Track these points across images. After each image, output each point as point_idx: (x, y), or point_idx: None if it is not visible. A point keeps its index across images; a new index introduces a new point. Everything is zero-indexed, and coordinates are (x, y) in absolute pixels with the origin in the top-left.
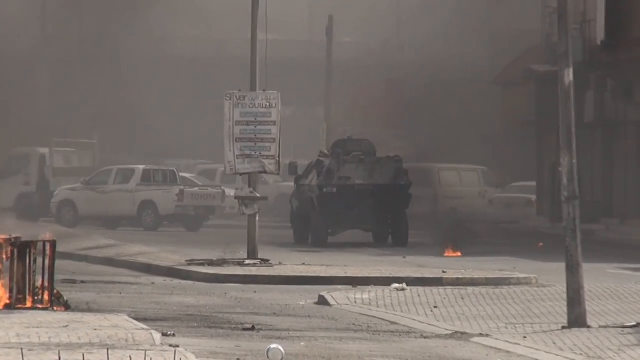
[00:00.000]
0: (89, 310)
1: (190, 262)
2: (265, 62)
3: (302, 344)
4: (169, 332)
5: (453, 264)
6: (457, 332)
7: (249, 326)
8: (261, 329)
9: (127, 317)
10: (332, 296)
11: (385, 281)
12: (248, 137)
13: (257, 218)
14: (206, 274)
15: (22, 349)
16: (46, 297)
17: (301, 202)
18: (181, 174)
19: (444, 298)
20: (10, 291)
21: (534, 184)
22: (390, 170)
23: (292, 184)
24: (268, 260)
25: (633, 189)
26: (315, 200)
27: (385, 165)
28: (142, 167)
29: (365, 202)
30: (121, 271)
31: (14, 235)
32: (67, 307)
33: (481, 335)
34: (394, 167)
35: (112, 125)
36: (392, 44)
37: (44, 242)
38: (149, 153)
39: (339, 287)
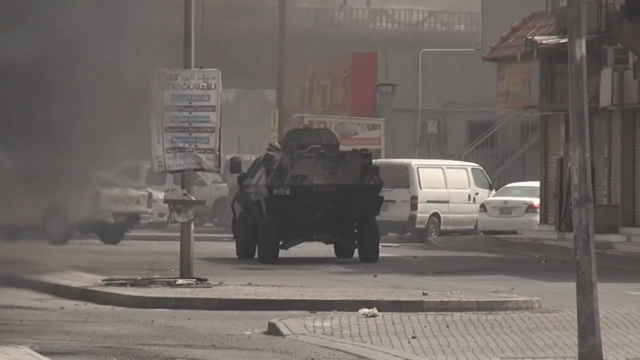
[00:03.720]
0: None
1: (109, 282)
2: (202, 32)
3: None
4: None
5: (436, 285)
6: None
7: None
8: None
9: (29, 351)
10: (285, 324)
11: (352, 305)
12: (181, 126)
13: (192, 227)
14: (128, 296)
15: None
16: None
17: (246, 207)
18: (96, 172)
19: (425, 326)
20: None
21: (536, 184)
22: (357, 167)
23: (234, 184)
24: (206, 280)
25: None
26: (263, 204)
27: (350, 161)
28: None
29: (325, 207)
30: (22, 293)
31: None
32: None
33: None
34: (362, 163)
35: None
36: (356, 9)
37: None
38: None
39: (294, 312)
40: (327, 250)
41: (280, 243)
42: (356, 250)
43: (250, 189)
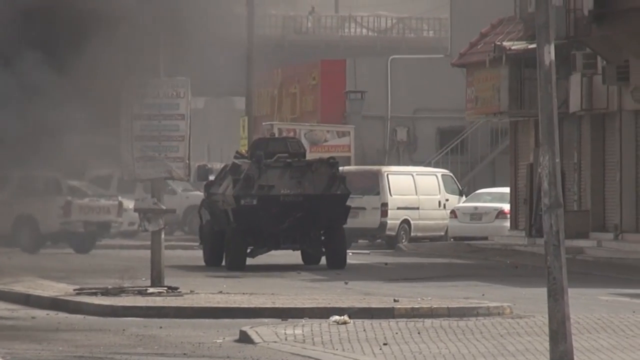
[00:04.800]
0: None
1: (80, 291)
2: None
3: None
4: None
5: (407, 291)
6: None
7: None
8: None
9: None
10: (256, 332)
11: (323, 313)
12: (150, 135)
13: (163, 235)
14: (99, 305)
15: None
16: None
17: (213, 214)
18: (68, 182)
19: (396, 333)
20: None
21: (507, 190)
22: (324, 176)
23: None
24: (177, 288)
25: (629, 195)
26: (230, 214)
27: (317, 170)
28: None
29: (292, 216)
30: None
31: None
32: None
33: None
34: (329, 172)
35: None
36: (324, 15)
37: None
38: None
39: (265, 320)
40: (294, 256)
41: (248, 251)
42: (323, 258)
43: (217, 197)
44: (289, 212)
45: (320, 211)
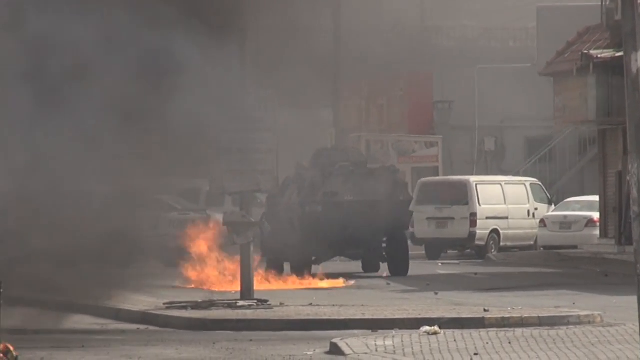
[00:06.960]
0: None
1: (170, 305)
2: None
3: None
4: None
5: (497, 301)
6: None
7: None
8: None
9: None
10: (347, 343)
11: (413, 323)
12: (238, 148)
13: (252, 248)
14: (190, 319)
15: None
16: None
17: (276, 224)
18: (155, 196)
19: (487, 343)
20: None
21: (596, 198)
22: (386, 183)
23: None
24: (266, 301)
25: None
26: (295, 221)
27: (379, 177)
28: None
29: (356, 222)
30: (83, 318)
31: None
32: None
33: None
34: (391, 179)
35: None
36: (410, 27)
37: None
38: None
39: (356, 332)
40: (354, 264)
41: (313, 258)
42: (380, 264)
43: (280, 207)
44: (353, 219)
45: (383, 217)
